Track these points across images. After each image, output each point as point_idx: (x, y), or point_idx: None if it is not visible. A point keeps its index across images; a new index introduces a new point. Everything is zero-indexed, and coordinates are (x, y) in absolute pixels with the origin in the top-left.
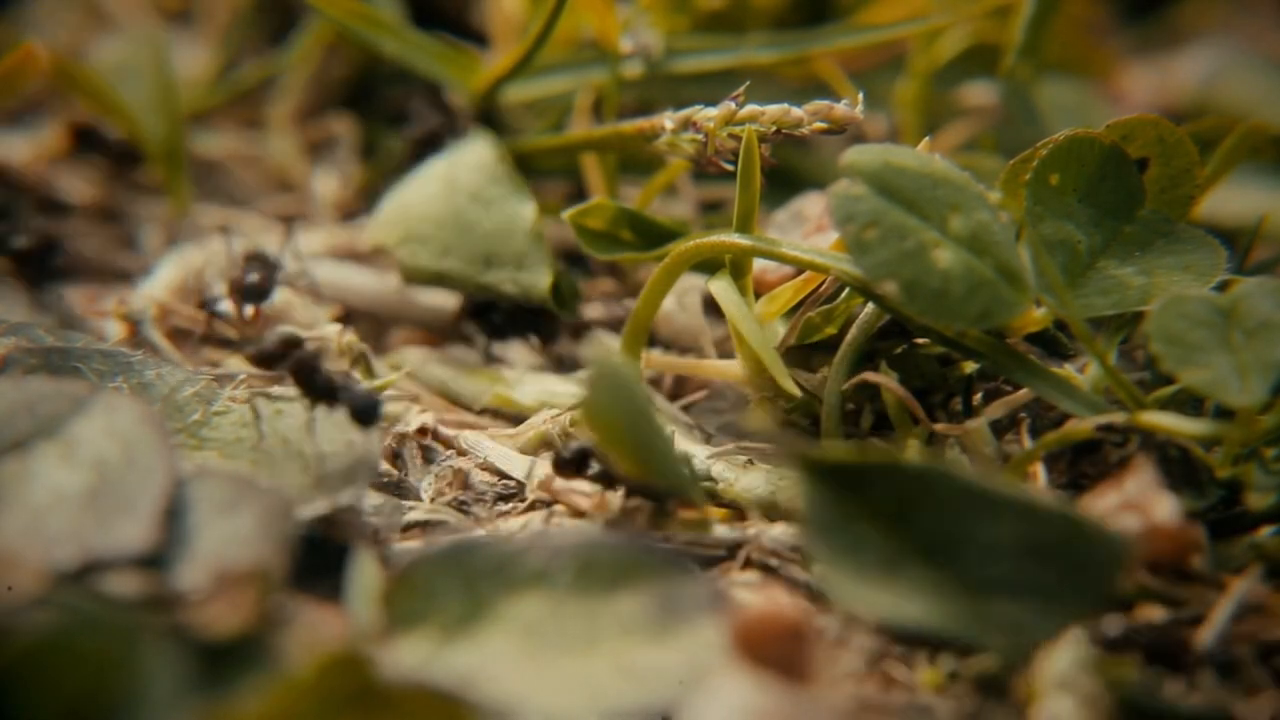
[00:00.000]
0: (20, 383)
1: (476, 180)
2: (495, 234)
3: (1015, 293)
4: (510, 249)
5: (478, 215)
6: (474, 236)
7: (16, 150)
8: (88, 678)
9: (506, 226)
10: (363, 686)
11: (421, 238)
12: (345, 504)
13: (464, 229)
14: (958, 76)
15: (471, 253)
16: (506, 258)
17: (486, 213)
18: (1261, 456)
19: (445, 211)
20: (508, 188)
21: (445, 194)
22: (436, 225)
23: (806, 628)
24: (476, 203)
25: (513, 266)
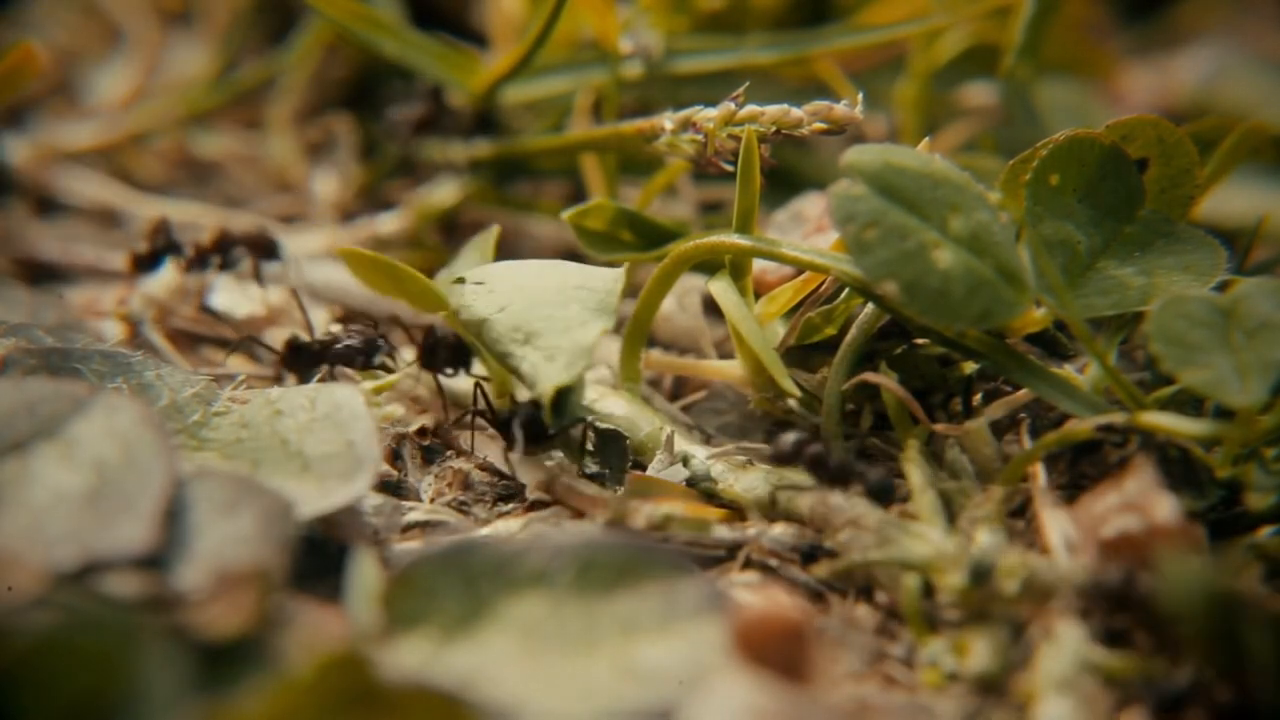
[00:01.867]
0: (20, 383)
1: (575, 281)
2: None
3: (1015, 293)
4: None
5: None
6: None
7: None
8: (88, 678)
9: (567, 325)
10: (363, 687)
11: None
12: (345, 504)
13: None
14: (958, 77)
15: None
16: (544, 345)
17: (560, 302)
18: (1261, 456)
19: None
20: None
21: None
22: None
23: (806, 628)
24: (559, 292)
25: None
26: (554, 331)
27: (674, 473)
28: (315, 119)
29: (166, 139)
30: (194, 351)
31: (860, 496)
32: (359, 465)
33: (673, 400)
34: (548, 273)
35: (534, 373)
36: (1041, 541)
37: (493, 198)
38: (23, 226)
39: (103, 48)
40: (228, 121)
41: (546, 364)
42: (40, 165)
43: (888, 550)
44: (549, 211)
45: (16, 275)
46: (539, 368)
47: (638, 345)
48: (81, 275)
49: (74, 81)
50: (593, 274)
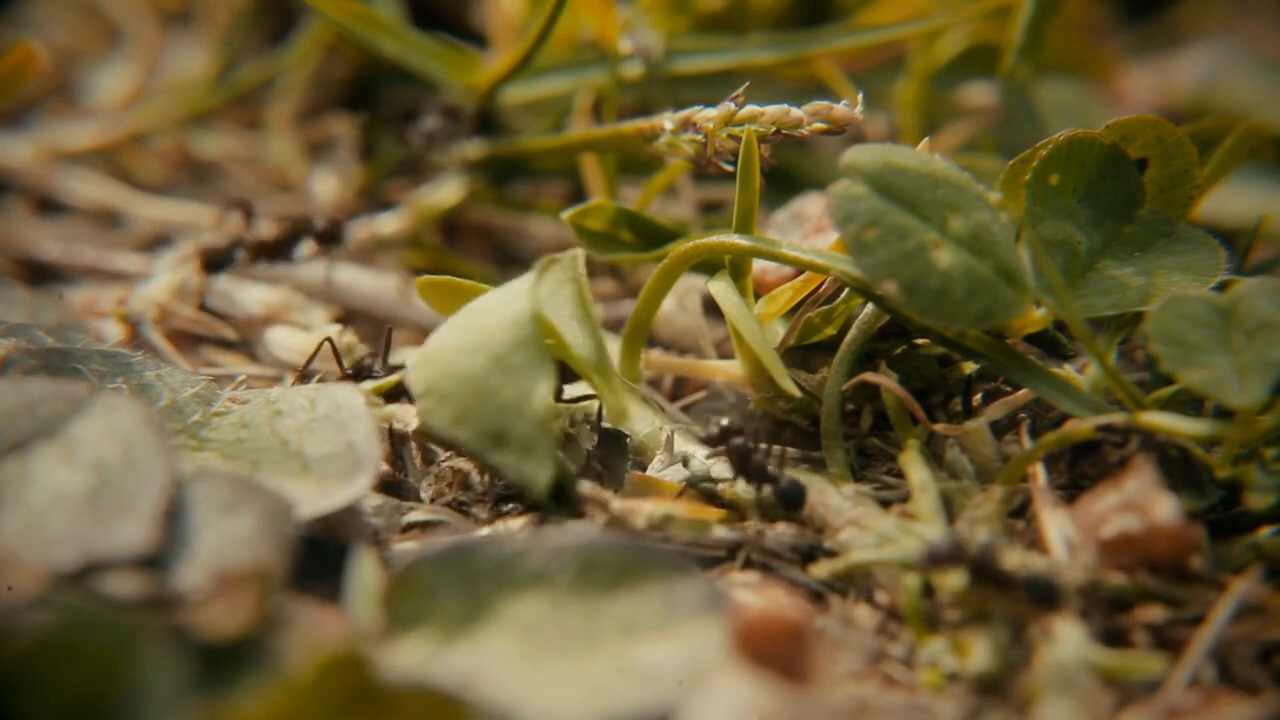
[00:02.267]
0: (20, 384)
1: (506, 339)
2: (509, 409)
3: (1015, 293)
4: (519, 431)
5: (498, 383)
6: (490, 408)
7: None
8: (88, 678)
9: (519, 403)
10: (363, 687)
11: (442, 395)
12: (345, 504)
13: (482, 396)
14: (957, 77)
15: (485, 426)
16: (514, 440)
17: (506, 382)
18: (1261, 457)
19: (469, 370)
20: (532, 355)
21: (472, 347)
22: (459, 383)
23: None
24: (499, 368)
25: (518, 452)
26: (512, 422)
27: (674, 473)
28: (315, 119)
29: (166, 139)
30: (194, 351)
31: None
32: (359, 465)
33: (673, 400)
34: (474, 342)
35: (524, 480)
36: (1041, 541)
37: (493, 198)
38: (23, 226)
39: (103, 48)
40: (228, 121)
41: (529, 463)
42: (40, 165)
43: (888, 550)
44: (549, 211)
45: (16, 275)
46: (524, 473)
47: (638, 345)
48: (81, 275)
49: (74, 81)
50: (505, 309)
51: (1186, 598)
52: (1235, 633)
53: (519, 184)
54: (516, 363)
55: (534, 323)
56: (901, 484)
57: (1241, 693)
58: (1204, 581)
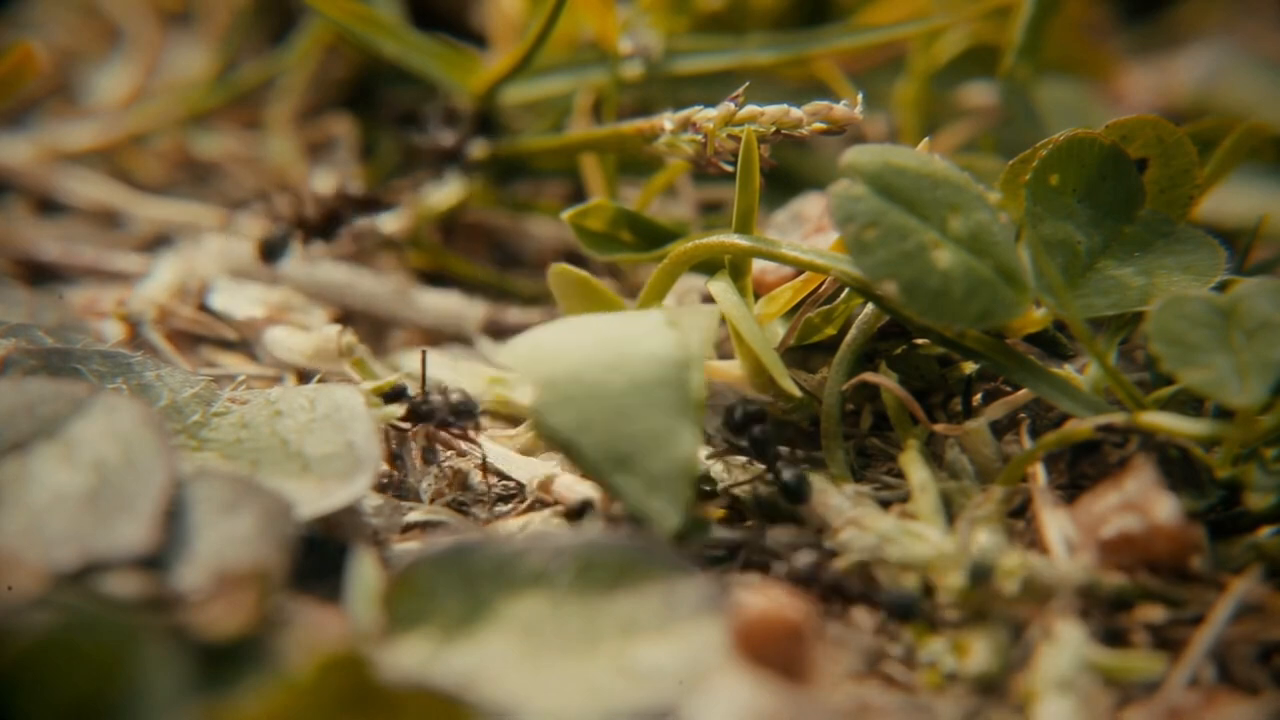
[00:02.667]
0: (20, 384)
1: (651, 372)
2: (644, 439)
3: (1015, 293)
4: (654, 465)
5: (636, 408)
6: (622, 429)
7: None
8: (88, 678)
9: (659, 438)
10: (363, 687)
11: (567, 396)
12: (345, 504)
13: (615, 415)
14: (957, 77)
15: (612, 445)
16: (644, 471)
17: (646, 411)
18: (1261, 457)
19: (603, 384)
20: (680, 399)
21: (607, 364)
22: (588, 393)
23: (806, 628)
24: (641, 396)
25: (645, 483)
26: (647, 453)
27: None
28: (315, 120)
29: (166, 139)
30: (194, 351)
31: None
32: (359, 465)
33: None
34: (611, 360)
35: (647, 514)
36: (1041, 541)
37: (493, 198)
38: (23, 226)
39: (103, 48)
40: (228, 121)
41: (656, 499)
42: (40, 165)
43: (888, 550)
44: (549, 211)
45: (16, 275)
46: (650, 507)
47: None
48: (81, 275)
49: (74, 81)
50: (647, 341)
51: (1186, 598)
52: (1235, 633)
53: (519, 184)
54: (661, 399)
55: (686, 369)
56: (901, 484)
57: (1241, 693)
58: (1204, 581)
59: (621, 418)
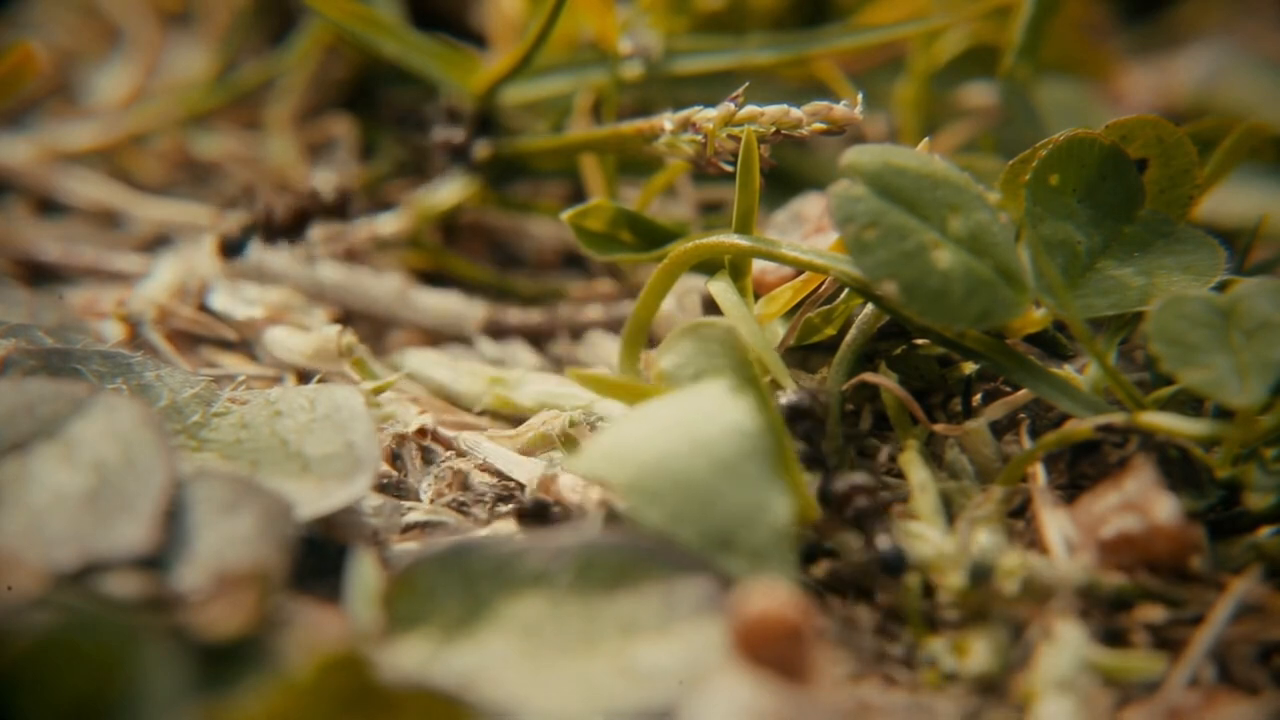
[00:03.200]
0: (20, 384)
1: (732, 447)
2: (738, 516)
3: (1015, 293)
4: (753, 539)
5: (724, 488)
6: (715, 513)
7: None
8: (88, 678)
9: (752, 512)
10: (362, 687)
11: (654, 493)
12: (345, 504)
13: (705, 501)
14: (957, 77)
15: (709, 529)
16: (745, 547)
17: (734, 488)
18: (1261, 457)
19: (686, 473)
20: (765, 468)
21: (687, 451)
22: (674, 485)
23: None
24: (726, 475)
25: (749, 558)
26: (745, 529)
27: None
28: (314, 120)
29: (166, 139)
30: (194, 352)
31: None
32: (359, 466)
33: None
34: (689, 446)
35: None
36: (1041, 541)
37: (492, 198)
38: (23, 226)
39: (102, 48)
40: (227, 122)
41: (764, 572)
42: (40, 165)
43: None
44: (549, 212)
45: (16, 275)
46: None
47: (637, 345)
48: (81, 275)
49: (74, 81)
50: (721, 416)
51: (1186, 598)
52: (1235, 633)
53: (519, 184)
54: (748, 472)
55: (768, 436)
56: (901, 484)
57: (1241, 693)
58: (1204, 581)
59: (713, 502)
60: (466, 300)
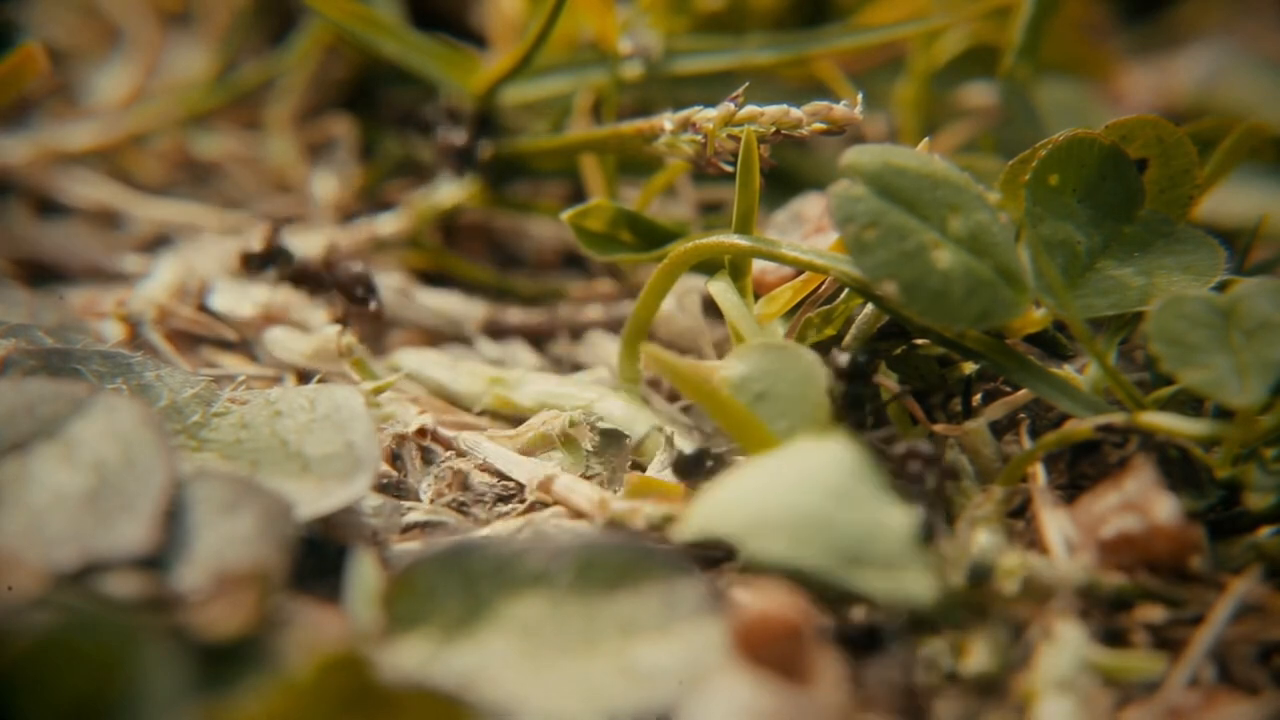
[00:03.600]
0: (20, 384)
1: (841, 475)
2: (860, 532)
3: (1015, 293)
4: (879, 550)
5: (841, 513)
6: (835, 534)
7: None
8: (88, 678)
9: (872, 527)
10: (362, 687)
11: (770, 529)
12: (345, 505)
13: (824, 525)
14: (957, 77)
15: (833, 549)
16: (874, 559)
17: (851, 510)
18: (1261, 457)
19: (802, 504)
20: (876, 489)
21: (795, 488)
22: (792, 515)
23: (806, 628)
24: (840, 501)
25: (881, 569)
26: (872, 541)
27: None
28: (314, 120)
29: (166, 140)
30: (194, 352)
31: None
32: (358, 466)
33: (672, 401)
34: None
35: (898, 598)
36: (1041, 541)
37: (492, 198)
38: (23, 226)
39: (103, 48)
40: (227, 122)
41: (901, 579)
42: (40, 165)
43: None
44: (549, 212)
45: (16, 275)
46: (898, 590)
47: (637, 345)
48: (81, 275)
49: (74, 81)
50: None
51: (1186, 598)
52: (1235, 633)
53: (519, 184)
54: (861, 494)
55: (866, 463)
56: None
57: (1241, 693)
58: (1204, 581)
59: (831, 526)
60: (466, 300)
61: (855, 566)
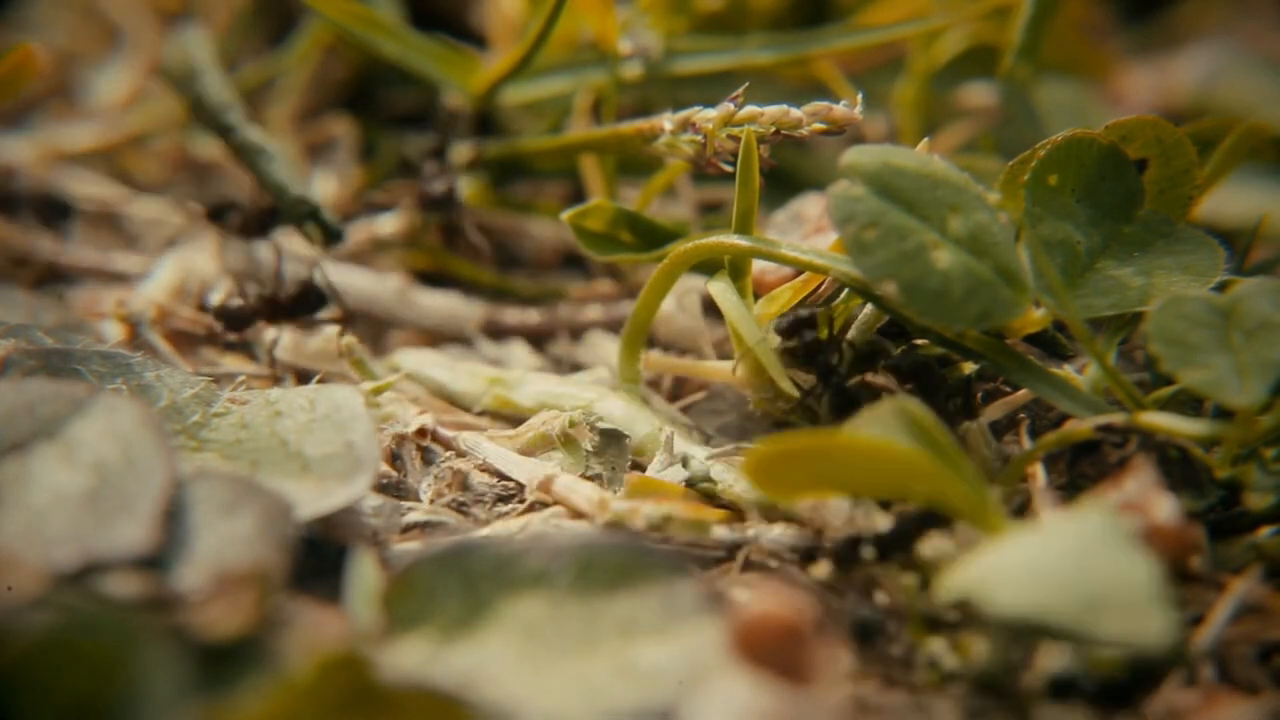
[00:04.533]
0: (20, 384)
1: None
2: (1103, 580)
3: (1014, 293)
4: (1123, 598)
5: (1082, 569)
6: (1077, 585)
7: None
8: (88, 678)
9: (1120, 575)
10: (362, 687)
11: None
12: (345, 505)
13: (1066, 580)
14: (957, 78)
15: (1076, 598)
16: (1118, 605)
17: (1096, 563)
18: (1261, 457)
19: (1044, 559)
20: (1123, 539)
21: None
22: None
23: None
24: (1080, 554)
25: (1123, 614)
26: (1115, 589)
27: (673, 473)
28: (314, 120)
29: (166, 140)
30: (194, 352)
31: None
32: (358, 466)
33: (672, 401)
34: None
35: (1137, 634)
36: None
37: (492, 198)
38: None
39: (103, 48)
40: None
41: (1147, 622)
42: (40, 165)
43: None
44: (548, 212)
45: (16, 275)
46: (1138, 628)
47: (636, 346)
48: (81, 275)
49: (74, 82)
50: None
51: (1186, 598)
52: (1235, 633)
53: (519, 184)
54: (1106, 546)
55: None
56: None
57: (1241, 693)
58: (1204, 581)
59: (1074, 579)
60: (465, 300)
61: (1094, 608)
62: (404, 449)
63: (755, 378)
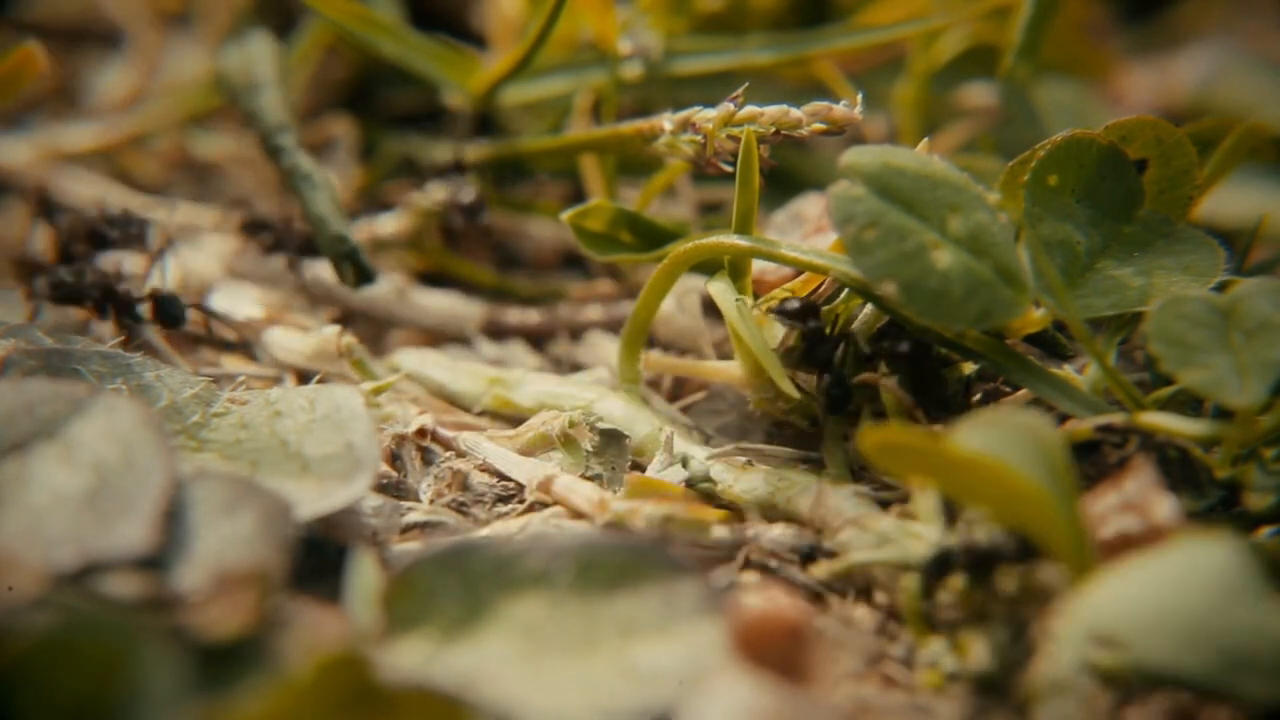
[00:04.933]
0: (20, 384)
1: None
2: (1244, 635)
3: (1014, 293)
4: (1262, 657)
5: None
6: (1215, 638)
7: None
8: (88, 678)
9: (1259, 630)
10: (362, 688)
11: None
12: (345, 505)
13: (1207, 631)
14: (957, 78)
15: (1216, 654)
16: (1258, 666)
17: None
18: (1261, 457)
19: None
20: (1258, 593)
21: (1184, 588)
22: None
23: (806, 628)
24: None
25: (1266, 675)
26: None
27: (673, 473)
28: (314, 120)
29: (166, 140)
30: (194, 352)
31: None
32: (358, 466)
33: (672, 401)
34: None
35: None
36: None
37: (492, 198)
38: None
39: (102, 48)
40: (227, 122)
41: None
42: (40, 165)
43: (887, 550)
44: (548, 212)
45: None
46: None
47: (636, 346)
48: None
49: (74, 83)
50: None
51: None
52: None
53: (519, 184)
54: (1247, 596)
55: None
56: (901, 484)
57: None
58: None
59: (1219, 629)
60: (466, 300)
61: (1235, 670)
62: (404, 449)
63: (755, 378)
